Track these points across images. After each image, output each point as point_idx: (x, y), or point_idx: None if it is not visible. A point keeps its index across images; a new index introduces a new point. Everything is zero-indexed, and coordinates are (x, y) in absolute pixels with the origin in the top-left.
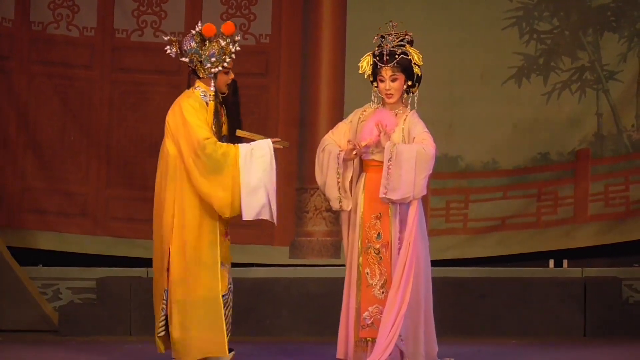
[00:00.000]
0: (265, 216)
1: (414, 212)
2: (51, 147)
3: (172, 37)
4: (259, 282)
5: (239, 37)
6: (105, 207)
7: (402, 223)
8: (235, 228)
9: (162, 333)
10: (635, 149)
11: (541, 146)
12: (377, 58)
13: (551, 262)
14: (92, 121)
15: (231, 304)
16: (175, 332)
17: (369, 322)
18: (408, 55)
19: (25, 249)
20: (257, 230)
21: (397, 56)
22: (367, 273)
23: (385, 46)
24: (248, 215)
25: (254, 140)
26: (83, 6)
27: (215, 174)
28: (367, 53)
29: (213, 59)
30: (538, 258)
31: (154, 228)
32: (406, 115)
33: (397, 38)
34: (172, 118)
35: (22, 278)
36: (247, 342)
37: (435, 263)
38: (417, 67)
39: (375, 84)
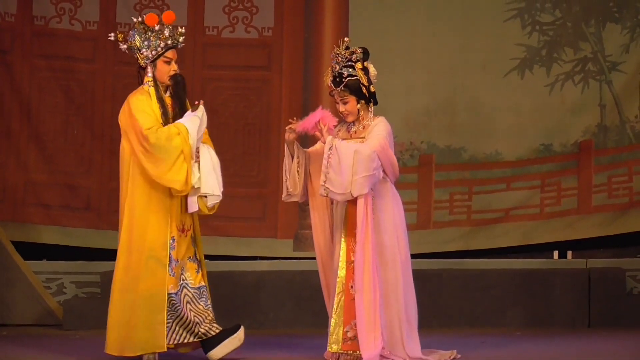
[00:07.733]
0: (219, 191)
1: (362, 212)
2: (54, 141)
3: (119, 33)
4: (262, 274)
5: (183, 29)
6: (109, 201)
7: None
8: (239, 221)
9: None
10: (638, 140)
11: (544, 137)
12: (330, 80)
13: (555, 254)
14: (95, 114)
15: (204, 297)
16: (122, 328)
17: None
18: (355, 76)
19: (29, 243)
20: (260, 223)
21: (344, 79)
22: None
23: (334, 67)
24: (205, 188)
25: None
26: (86, 0)
27: (166, 159)
28: (329, 68)
29: (146, 43)
30: (542, 249)
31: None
32: (369, 126)
33: (344, 58)
34: (122, 116)
35: (26, 272)
36: (251, 335)
37: (439, 255)
38: (365, 87)
39: None
